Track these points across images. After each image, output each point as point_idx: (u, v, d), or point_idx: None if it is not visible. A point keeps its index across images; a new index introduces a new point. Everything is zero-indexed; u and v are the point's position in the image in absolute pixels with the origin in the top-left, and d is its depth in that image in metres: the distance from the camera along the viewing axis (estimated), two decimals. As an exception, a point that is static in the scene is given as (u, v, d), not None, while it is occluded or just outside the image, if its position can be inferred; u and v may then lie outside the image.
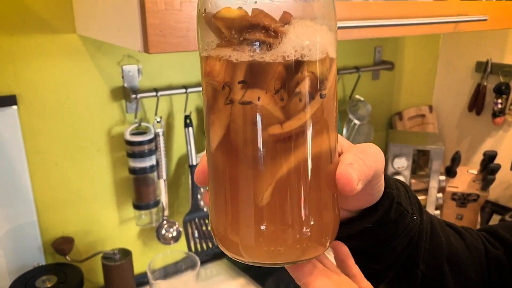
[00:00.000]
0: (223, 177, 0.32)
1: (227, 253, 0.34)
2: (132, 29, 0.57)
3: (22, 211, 0.89)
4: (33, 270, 0.88)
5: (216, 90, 0.30)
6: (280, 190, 0.30)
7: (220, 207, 0.33)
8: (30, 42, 0.82)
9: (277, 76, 0.29)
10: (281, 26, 0.29)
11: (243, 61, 0.29)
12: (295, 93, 0.29)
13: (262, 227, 0.31)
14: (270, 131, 0.29)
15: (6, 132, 0.84)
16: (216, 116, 0.31)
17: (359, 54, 1.32)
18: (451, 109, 1.55)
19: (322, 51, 0.30)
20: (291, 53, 0.29)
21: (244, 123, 0.30)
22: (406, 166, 1.26)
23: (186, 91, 0.98)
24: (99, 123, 0.94)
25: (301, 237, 0.31)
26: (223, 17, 0.29)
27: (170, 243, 1.03)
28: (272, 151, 0.30)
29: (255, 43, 0.29)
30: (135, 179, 0.97)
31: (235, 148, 0.30)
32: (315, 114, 0.30)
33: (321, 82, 0.30)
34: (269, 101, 0.29)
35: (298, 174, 0.31)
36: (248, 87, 0.29)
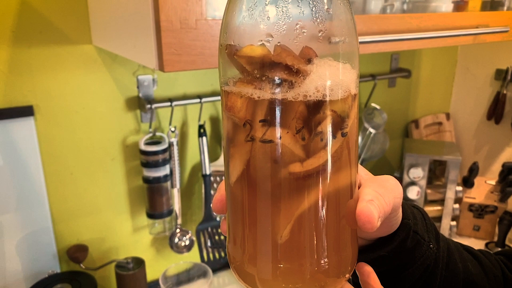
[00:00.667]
0: (242, 211, 0.32)
1: (242, 283, 0.33)
2: (148, 47, 0.57)
3: (38, 218, 0.90)
4: (48, 278, 0.89)
5: (237, 126, 0.30)
6: (299, 228, 0.30)
7: (238, 238, 0.33)
8: (48, 54, 0.83)
9: (298, 115, 0.28)
10: (304, 65, 0.28)
11: (264, 99, 0.28)
12: (317, 133, 0.29)
13: (280, 264, 0.31)
14: (291, 169, 0.29)
15: (23, 142, 0.85)
16: (236, 150, 0.31)
17: (376, 61, 1.30)
18: (469, 117, 1.52)
19: (345, 89, 0.30)
20: (313, 92, 0.28)
21: (265, 160, 0.29)
22: (422, 176, 1.24)
23: (201, 101, 0.98)
24: (114, 133, 0.94)
25: (319, 274, 0.31)
26: (246, 56, 0.28)
27: (182, 251, 1.04)
28: (292, 189, 0.30)
29: (277, 82, 0.28)
30: (149, 188, 0.98)
31: (254, 184, 0.30)
32: (336, 152, 0.30)
33: (343, 121, 0.30)
34: (290, 140, 0.29)
35: (317, 211, 0.30)
36: (269, 126, 0.29)
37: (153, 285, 1.04)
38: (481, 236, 1.31)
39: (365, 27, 0.72)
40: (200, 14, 0.56)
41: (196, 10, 0.56)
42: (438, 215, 1.27)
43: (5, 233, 0.88)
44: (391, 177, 0.36)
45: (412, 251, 0.40)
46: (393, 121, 1.42)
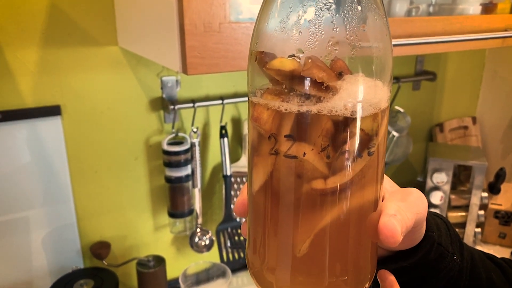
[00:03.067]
0: (263, 220, 0.31)
1: (258, 285, 0.33)
2: (171, 50, 0.58)
3: (63, 215, 0.93)
4: (72, 274, 0.91)
5: (262, 137, 0.30)
6: (319, 243, 0.30)
7: (257, 245, 0.32)
8: (75, 55, 0.85)
9: (324, 133, 0.28)
10: (334, 81, 0.27)
11: (291, 113, 0.28)
12: (342, 152, 0.28)
13: (299, 276, 0.31)
14: (313, 186, 0.29)
15: (50, 141, 0.88)
16: (260, 160, 0.30)
17: (400, 64, 1.28)
18: (496, 121, 1.48)
19: (374, 107, 0.29)
20: (341, 110, 0.27)
21: (288, 174, 0.29)
22: (446, 181, 1.22)
23: (223, 102, 0.98)
24: (138, 133, 0.96)
25: (337, 286, 0.31)
26: (275, 69, 0.28)
27: (202, 251, 1.05)
28: (314, 205, 0.29)
29: (304, 97, 0.28)
30: (170, 188, 0.99)
31: (276, 196, 0.30)
32: (362, 171, 0.29)
33: (370, 139, 0.29)
34: (314, 157, 0.28)
35: (338, 228, 0.30)
36: (294, 141, 0.28)
37: (173, 284, 1.05)
38: (507, 243, 1.28)
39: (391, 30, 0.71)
40: (224, 17, 0.57)
41: (219, 14, 0.57)
42: (462, 221, 1.24)
43: (32, 228, 0.91)
44: (416, 190, 0.36)
45: (435, 263, 0.39)
46: (417, 124, 1.40)
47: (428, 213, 0.40)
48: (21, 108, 0.84)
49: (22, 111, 0.84)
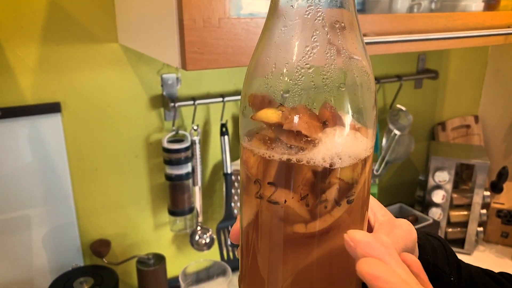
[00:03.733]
0: (251, 252, 0.33)
1: None
2: (171, 45, 0.58)
3: (63, 213, 0.93)
4: (72, 271, 0.91)
5: (250, 180, 0.31)
6: (301, 281, 0.31)
7: (246, 271, 0.34)
8: (75, 52, 0.85)
9: (305, 182, 0.29)
10: (315, 134, 0.29)
11: (274, 161, 0.29)
12: (321, 201, 0.30)
13: None
14: (295, 229, 0.30)
15: (50, 138, 0.87)
16: (248, 200, 0.32)
17: (402, 62, 1.28)
18: (498, 120, 1.47)
19: (354, 157, 0.30)
20: (319, 161, 0.29)
21: (271, 217, 0.31)
22: (448, 180, 1.21)
23: (223, 100, 0.98)
24: (138, 130, 0.96)
25: None
26: (260, 120, 0.30)
27: (203, 249, 1.04)
28: (295, 247, 0.31)
29: (287, 147, 0.29)
30: (171, 186, 0.98)
31: (261, 235, 0.32)
32: (341, 217, 0.31)
33: (350, 188, 0.30)
34: (294, 204, 0.30)
35: (319, 268, 0.31)
36: (277, 188, 0.30)
37: (172, 282, 1.05)
38: (509, 243, 1.27)
39: (391, 26, 0.71)
40: (224, 12, 0.56)
41: (219, 9, 0.56)
42: (464, 220, 1.23)
43: (32, 226, 0.90)
44: (405, 222, 0.37)
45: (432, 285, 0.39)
46: (419, 123, 1.39)
47: (424, 236, 0.40)
48: (21, 105, 0.83)
49: (22, 108, 0.83)
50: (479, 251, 1.26)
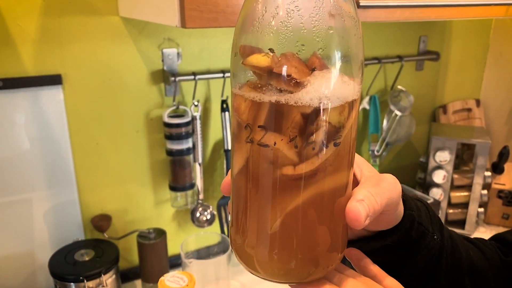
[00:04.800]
0: (243, 201, 0.34)
1: (243, 265, 0.36)
2: (170, 5, 0.58)
3: (64, 188, 0.93)
4: (73, 244, 0.91)
5: (240, 126, 0.33)
6: (289, 222, 0.33)
7: (238, 223, 0.36)
8: (76, 24, 0.85)
9: (294, 124, 0.31)
10: (303, 77, 0.30)
11: (264, 104, 0.31)
12: (309, 142, 0.31)
13: (274, 251, 0.34)
14: (283, 171, 0.32)
15: (51, 110, 0.88)
16: (238, 147, 0.34)
17: (403, 42, 1.27)
18: (500, 104, 1.47)
19: (342, 100, 0.31)
20: (307, 103, 0.30)
21: (261, 161, 0.32)
22: (449, 160, 1.21)
23: (224, 76, 0.98)
24: (139, 105, 0.96)
25: (308, 261, 0.34)
26: (250, 65, 0.31)
27: (204, 226, 1.05)
28: (284, 188, 0.32)
29: (276, 91, 0.30)
30: (171, 161, 0.99)
31: (252, 179, 0.33)
32: (328, 159, 0.32)
33: (337, 131, 0.32)
34: (284, 146, 0.31)
35: (307, 209, 0.33)
36: (266, 131, 0.31)
37: (173, 260, 1.05)
38: (510, 225, 1.27)
39: (391, -7, 0.70)
40: (223, -30, 0.56)
41: (219, -32, 0.56)
42: (465, 201, 1.23)
43: (33, 200, 0.91)
44: (390, 176, 0.38)
45: (417, 242, 0.41)
46: (420, 105, 1.39)
47: (409, 197, 0.41)
48: (22, 76, 0.84)
49: (23, 79, 0.84)
50: (479, 232, 1.26)
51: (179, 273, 0.64)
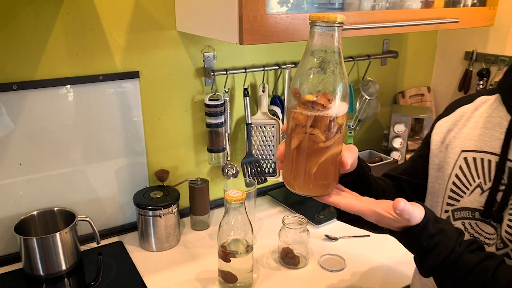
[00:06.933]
0: (295, 159, 0.69)
1: (291, 189, 0.71)
2: (232, 31, 0.98)
3: (137, 150, 1.33)
4: (146, 189, 1.32)
5: (298, 126, 0.67)
6: (319, 170, 0.68)
7: (290, 169, 0.70)
8: (149, 36, 1.25)
9: (325, 124, 0.66)
10: (328, 103, 0.65)
11: (311, 116, 0.65)
12: (331, 132, 0.67)
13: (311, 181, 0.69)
14: (320, 145, 0.67)
15: (131, 97, 1.27)
16: (296, 135, 0.68)
17: (371, 45, 1.71)
18: (445, 89, 1.93)
19: (341, 112, 0.67)
20: (330, 115, 0.65)
21: (309, 141, 0.67)
22: (404, 131, 1.66)
23: (246, 71, 1.39)
24: (187, 92, 1.37)
25: (325, 185, 0.71)
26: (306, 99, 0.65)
27: (230, 178, 1.46)
28: (318, 154, 0.68)
29: (316, 109, 0.65)
30: (209, 132, 1.40)
31: (302, 150, 0.68)
32: (336, 139, 0.68)
33: (340, 127, 0.68)
34: (321, 134, 0.66)
35: (327, 162, 0.68)
36: (314, 128, 0.66)
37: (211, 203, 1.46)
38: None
39: (360, 19, 1.13)
40: (264, 11, 0.97)
41: (260, 9, 0.97)
42: (417, 161, 1.69)
43: (117, 159, 1.30)
44: (353, 146, 0.77)
45: (364, 174, 0.83)
46: (384, 92, 1.84)
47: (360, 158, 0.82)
48: (113, 72, 1.23)
49: (114, 74, 1.23)
50: (428, 183, 1.72)
51: (235, 190, 1.05)
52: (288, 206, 1.51)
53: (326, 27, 0.63)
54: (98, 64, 1.20)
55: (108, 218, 1.34)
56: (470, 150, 0.82)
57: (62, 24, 1.12)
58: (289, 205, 1.51)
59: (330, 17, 0.62)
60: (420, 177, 0.92)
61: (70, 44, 1.15)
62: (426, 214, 0.68)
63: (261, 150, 1.50)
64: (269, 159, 1.50)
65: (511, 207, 0.74)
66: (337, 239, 1.32)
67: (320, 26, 0.64)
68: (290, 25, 1.02)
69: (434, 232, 0.68)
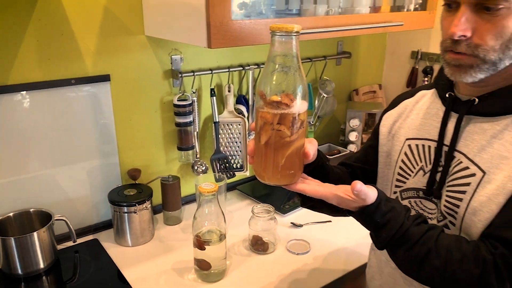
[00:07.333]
0: (264, 153, 0.75)
1: (261, 180, 0.78)
2: (201, 35, 1.07)
3: (109, 150, 1.38)
4: (120, 187, 1.37)
5: (266, 123, 0.73)
6: (286, 160, 0.74)
7: (260, 162, 0.77)
8: (118, 41, 1.31)
9: (289, 120, 0.72)
10: (291, 102, 0.71)
11: (277, 113, 0.71)
12: (295, 127, 0.73)
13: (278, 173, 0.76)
14: (286, 140, 0.73)
15: (102, 99, 1.33)
16: (264, 131, 0.73)
17: (326, 47, 1.84)
18: (394, 86, 2.10)
19: (302, 110, 0.73)
20: (294, 113, 0.72)
21: (276, 137, 0.73)
22: (359, 125, 1.80)
23: (212, 72, 1.48)
24: (156, 93, 1.43)
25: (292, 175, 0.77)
26: (272, 100, 0.72)
27: (199, 174, 1.54)
28: (285, 147, 0.74)
29: (282, 108, 0.71)
30: (179, 131, 1.47)
31: (271, 145, 0.74)
32: (299, 133, 0.74)
33: (302, 122, 0.74)
34: (286, 130, 0.72)
35: (293, 154, 0.75)
36: (280, 124, 0.72)
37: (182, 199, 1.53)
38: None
39: (315, 24, 1.25)
40: (229, 17, 1.07)
41: (226, 16, 1.06)
42: (371, 152, 1.84)
43: (90, 159, 1.35)
44: (314, 139, 0.87)
45: (322, 164, 0.94)
46: (340, 90, 1.98)
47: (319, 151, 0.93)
48: (85, 76, 1.28)
49: (86, 78, 1.28)
50: (382, 173, 1.87)
51: (208, 183, 1.13)
52: (256, 198, 1.61)
53: (285, 36, 0.72)
54: (70, 68, 1.24)
55: (83, 217, 1.39)
56: (413, 138, 0.94)
57: (33, 31, 1.16)
58: (257, 198, 1.61)
59: (288, 27, 0.70)
60: (371, 164, 1.04)
61: (42, 49, 1.19)
62: (379, 194, 0.79)
63: (229, 147, 1.59)
64: (237, 155, 1.59)
65: (448, 186, 0.86)
66: (302, 225, 1.44)
67: (279, 35, 0.72)
68: (254, 30, 1.12)
69: (386, 209, 0.78)
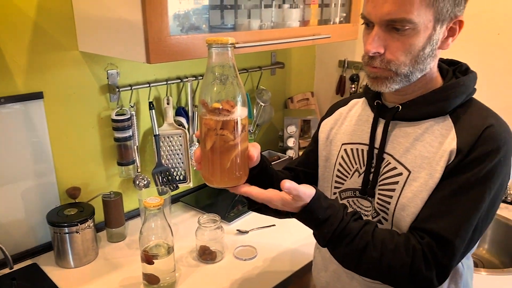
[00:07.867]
0: (211, 158, 0.78)
1: (209, 184, 0.81)
2: (139, 51, 1.08)
3: (45, 170, 1.33)
4: (59, 207, 1.33)
5: (210, 129, 0.76)
6: (231, 163, 0.78)
7: (208, 168, 0.80)
8: (51, 57, 1.27)
9: (232, 125, 0.76)
10: (232, 109, 0.76)
11: (220, 120, 0.75)
12: (238, 131, 0.77)
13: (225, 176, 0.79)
14: (230, 143, 0.77)
15: (36, 117, 1.28)
16: (209, 137, 0.77)
17: (261, 58, 1.92)
18: (325, 93, 2.23)
19: (243, 115, 0.77)
20: (235, 118, 0.76)
21: (220, 141, 0.76)
22: (296, 131, 1.89)
23: (150, 86, 1.48)
24: (93, 109, 1.41)
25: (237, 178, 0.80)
26: (213, 107, 0.75)
27: (142, 189, 1.53)
28: (230, 151, 0.77)
29: (224, 114, 0.75)
30: (118, 145, 1.45)
31: (216, 149, 0.77)
32: (242, 137, 0.78)
33: (244, 126, 0.78)
34: (230, 134, 0.76)
35: (237, 157, 0.78)
36: (223, 129, 0.76)
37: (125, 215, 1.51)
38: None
39: (250, 37, 1.30)
40: (167, 33, 1.09)
41: (164, 31, 1.09)
42: (308, 157, 1.93)
43: (21, 182, 1.29)
44: (257, 143, 0.91)
45: (266, 167, 0.98)
46: (276, 98, 2.06)
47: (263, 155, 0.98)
48: (16, 94, 1.23)
49: (17, 96, 1.23)
50: (319, 176, 1.98)
51: (153, 197, 1.14)
52: (200, 209, 1.63)
53: (221, 47, 0.76)
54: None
55: (19, 241, 1.32)
56: (348, 143, 1.02)
57: (-44, 48, 1.10)
58: (201, 208, 1.63)
59: (223, 39, 0.74)
60: (312, 167, 1.11)
61: (-33, 67, 1.13)
62: (317, 192, 0.85)
63: (171, 159, 1.59)
64: (179, 167, 1.60)
65: (380, 185, 0.95)
66: (248, 232, 1.48)
67: (216, 47, 0.76)
68: (191, 45, 1.15)
69: (325, 205, 0.85)
